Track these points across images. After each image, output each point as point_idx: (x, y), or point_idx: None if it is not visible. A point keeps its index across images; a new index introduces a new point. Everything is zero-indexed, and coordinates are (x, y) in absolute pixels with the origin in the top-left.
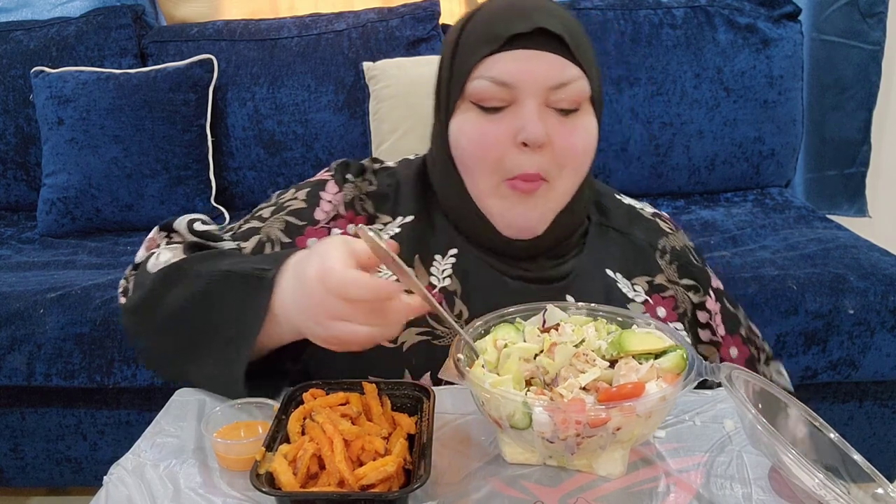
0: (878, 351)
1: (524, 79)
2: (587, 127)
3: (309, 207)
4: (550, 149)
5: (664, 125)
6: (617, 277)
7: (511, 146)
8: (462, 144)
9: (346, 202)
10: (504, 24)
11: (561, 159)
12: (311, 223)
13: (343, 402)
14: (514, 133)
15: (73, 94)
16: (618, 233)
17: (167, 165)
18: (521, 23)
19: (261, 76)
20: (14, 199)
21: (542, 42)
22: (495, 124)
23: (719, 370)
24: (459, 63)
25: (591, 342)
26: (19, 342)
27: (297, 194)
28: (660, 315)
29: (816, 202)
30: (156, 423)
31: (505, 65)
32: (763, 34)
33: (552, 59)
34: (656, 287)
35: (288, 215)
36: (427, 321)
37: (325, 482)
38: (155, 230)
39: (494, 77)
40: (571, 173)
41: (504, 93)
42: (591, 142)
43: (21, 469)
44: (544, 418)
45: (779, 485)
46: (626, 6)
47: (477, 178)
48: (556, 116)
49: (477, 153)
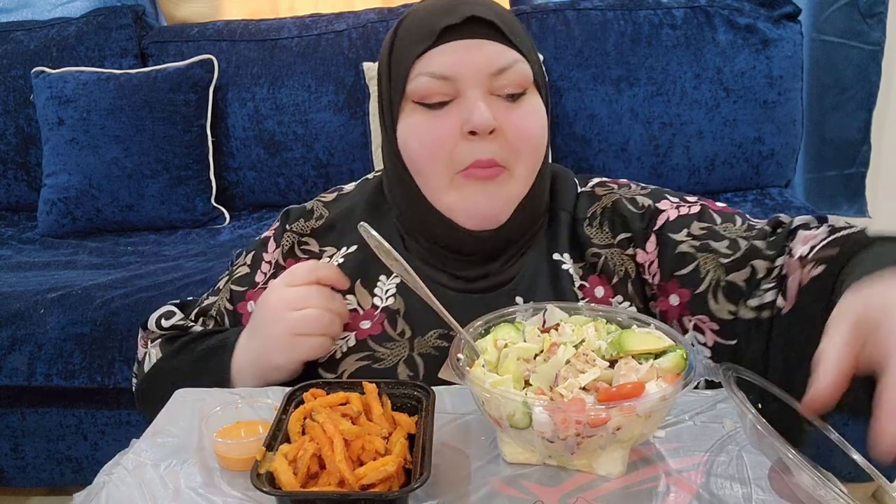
0: None
1: (463, 69)
2: (536, 109)
3: (252, 272)
4: (502, 136)
5: (664, 125)
6: (564, 258)
7: (460, 138)
8: (411, 146)
9: (284, 253)
10: (435, 19)
11: (515, 144)
12: (251, 286)
13: (343, 401)
14: (461, 125)
15: (73, 95)
16: (565, 212)
17: (167, 166)
18: (452, 15)
19: (261, 76)
20: (14, 200)
21: (476, 31)
22: (441, 119)
23: (719, 370)
24: (397, 65)
25: (591, 342)
26: (20, 342)
27: (246, 259)
28: (598, 295)
29: (816, 202)
30: (156, 422)
31: (442, 58)
32: (763, 34)
33: (488, 46)
34: (590, 266)
35: (233, 283)
36: (368, 345)
37: (326, 482)
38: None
39: (433, 72)
40: (529, 158)
41: (446, 87)
42: (542, 124)
43: (21, 469)
44: (544, 418)
45: (779, 485)
46: (626, 6)
47: (430, 177)
48: (502, 103)
49: (426, 152)
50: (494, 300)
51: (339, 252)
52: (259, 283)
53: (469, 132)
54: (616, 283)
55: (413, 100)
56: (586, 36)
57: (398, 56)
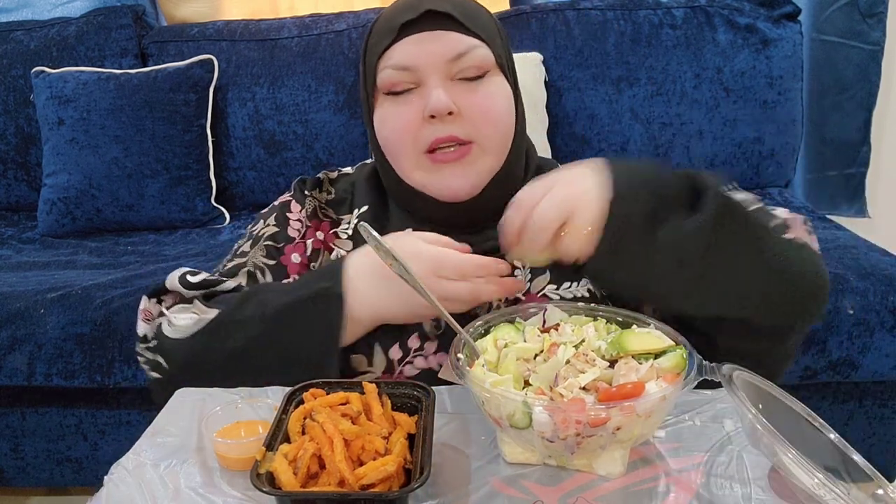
0: (878, 351)
1: (422, 59)
2: (497, 91)
3: (282, 230)
4: (462, 117)
5: (664, 125)
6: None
7: (423, 123)
8: (383, 134)
9: (309, 214)
10: (396, 15)
11: (477, 123)
12: (288, 241)
13: (343, 401)
14: (422, 110)
15: (73, 95)
16: None
17: (167, 165)
18: (410, 11)
19: (261, 76)
20: (14, 200)
21: (433, 23)
22: (406, 107)
23: (719, 370)
24: (368, 61)
25: (591, 342)
26: (20, 342)
27: (268, 221)
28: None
29: (816, 202)
30: (156, 422)
31: (402, 50)
32: (763, 34)
33: (445, 36)
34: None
35: (265, 241)
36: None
37: (326, 482)
38: (144, 300)
39: (395, 64)
40: (494, 132)
41: (408, 76)
42: (505, 103)
43: (21, 469)
44: (544, 418)
45: (778, 485)
46: (626, 6)
47: (400, 160)
48: (462, 86)
49: (394, 137)
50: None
51: (353, 215)
52: (296, 239)
53: (430, 116)
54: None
55: (383, 91)
56: (586, 36)
57: (369, 53)
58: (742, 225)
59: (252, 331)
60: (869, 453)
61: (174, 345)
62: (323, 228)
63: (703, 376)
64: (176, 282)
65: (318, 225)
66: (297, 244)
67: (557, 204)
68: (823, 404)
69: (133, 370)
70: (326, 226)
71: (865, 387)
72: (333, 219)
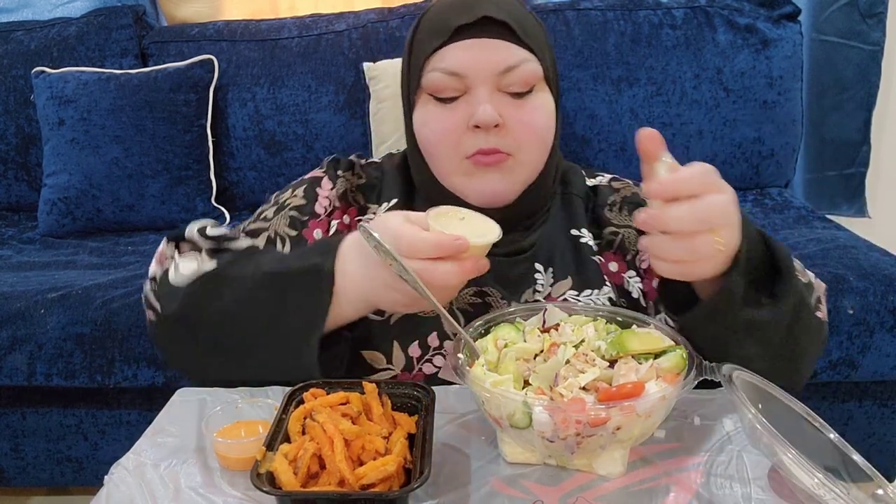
0: (878, 351)
1: (473, 67)
2: (542, 105)
3: (308, 203)
4: (506, 130)
5: (664, 125)
6: (583, 233)
7: (466, 130)
8: (424, 134)
9: (339, 195)
10: (450, 17)
11: (519, 137)
12: (313, 216)
13: (343, 401)
14: (468, 119)
15: (73, 95)
16: (579, 198)
17: (168, 166)
18: (466, 14)
19: (261, 76)
20: (15, 200)
21: (488, 30)
22: (450, 113)
23: (719, 370)
24: (414, 59)
25: (591, 342)
26: (20, 342)
27: (296, 192)
28: (612, 269)
29: (816, 202)
30: (156, 422)
31: (454, 55)
32: (763, 34)
33: (498, 46)
34: (606, 244)
35: (291, 211)
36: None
37: (326, 482)
38: (164, 243)
39: (445, 68)
40: (534, 148)
41: (456, 82)
42: (547, 119)
43: (22, 469)
44: (544, 418)
45: (778, 485)
46: (625, 6)
47: (440, 161)
48: (508, 99)
49: (435, 140)
50: (514, 265)
51: (380, 207)
52: (321, 216)
53: (474, 126)
54: (630, 260)
55: (427, 92)
56: (586, 36)
57: (416, 50)
58: (807, 315)
59: (239, 291)
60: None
61: (170, 291)
62: (350, 213)
63: (703, 376)
64: (195, 232)
65: (346, 208)
66: (321, 220)
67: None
68: (823, 404)
69: (133, 370)
70: (354, 211)
71: (865, 387)
72: (361, 205)
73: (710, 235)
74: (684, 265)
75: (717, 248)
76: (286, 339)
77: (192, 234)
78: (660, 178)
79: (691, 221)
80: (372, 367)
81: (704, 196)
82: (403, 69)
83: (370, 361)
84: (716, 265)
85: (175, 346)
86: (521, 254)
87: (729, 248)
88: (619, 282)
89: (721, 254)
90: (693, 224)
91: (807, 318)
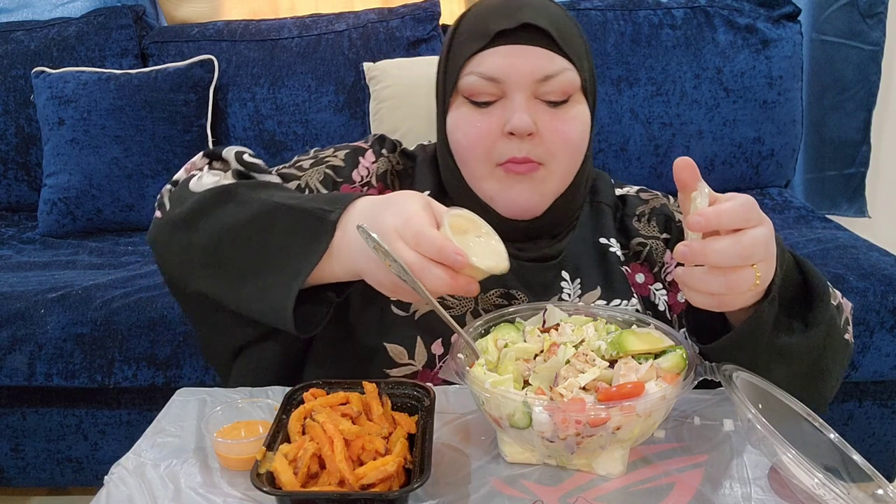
0: (878, 351)
1: (511, 73)
2: (578, 116)
3: (347, 167)
4: (539, 138)
5: (664, 125)
6: (611, 243)
7: (500, 136)
8: (456, 137)
9: (379, 174)
10: (491, 21)
11: (552, 147)
12: (348, 181)
13: (343, 401)
14: (502, 125)
15: (73, 95)
16: (608, 206)
17: (168, 166)
18: (507, 19)
19: (261, 76)
20: (15, 200)
21: (528, 37)
22: (486, 117)
23: (719, 370)
24: (452, 60)
25: (591, 342)
26: (20, 342)
27: (337, 154)
28: (638, 281)
29: (816, 202)
30: (156, 422)
31: (493, 60)
32: (763, 34)
33: (538, 53)
34: (633, 254)
35: (327, 168)
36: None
37: (326, 482)
38: (199, 155)
39: (483, 72)
40: (567, 159)
41: (493, 87)
42: (582, 130)
43: (22, 469)
44: (544, 418)
45: (778, 485)
46: (625, 6)
47: (472, 166)
48: (544, 107)
49: (468, 144)
50: (541, 272)
51: None
52: (356, 183)
53: (509, 132)
54: (657, 272)
55: (462, 94)
56: (586, 36)
57: (454, 52)
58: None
59: (245, 211)
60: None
61: (185, 195)
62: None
63: (703, 376)
64: (232, 153)
65: (383, 189)
66: (353, 188)
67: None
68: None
69: (133, 370)
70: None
71: (865, 387)
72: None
73: (749, 270)
74: (720, 298)
75: (755, 282)
76: (272, 273)
77: (229, 154)
78: (701, 210)
79: (733, 256)
80: (393, 361)
81: (747, 231)
82: (440, 70)
83: (392, 355)
84: (749, 297)
85: (170, 248)
86: (548, 260)
87: (763, 283)
88: (646, 293)
89: (755, 288)
90: (734, 259)
91: (836, 342)
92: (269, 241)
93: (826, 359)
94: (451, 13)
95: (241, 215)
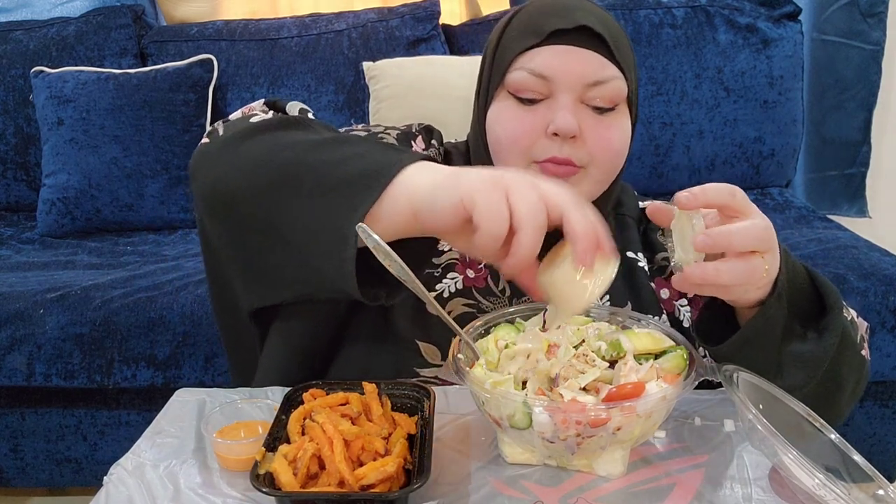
0: (878, 351)
1: (562, 73)
2: (620, 126)
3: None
4: (582, 142)
5: (664, 125)
6: (638, 257)
7: (542, 136)
8: (496, 131)
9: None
10: (547, 19)
11: (592, 151)
12: None
13: (343, 402)
14: (546, 124)
15: (72, 94)
16: (632, 219)
17: (167, 165)
18: (564, 19)
19: (261, 76)
20: (14, 200)
21: (583, 39)
22: (530, 114)
23: (719, 370)
24: (501, 54)
25: (590, 342)
26: (19, 342)
27: (389, 132)
28: (663, 297)
29: (817, 202)
30: (156, 423)
31: (544, 58)
32: (763, 34)
33: (591, 57)
34: (658, 269)
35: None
36: (473, 294)
37: (325, 482)
38: (259, 102)
39: (533, 69)
40: (606, 166)
41: (541, 85)
42: (624, 140)
43: (21, 469)
44: (544, 418)
45: (779, 485)
46: (626, 6)
47: (507, 161)
48: (590, 113)
49: (508, 140)
50: None
51: None
52: None
53: (553, 133)
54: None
55: (508, 89)
56: None
57: (505, 46)
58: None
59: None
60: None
61: (240, 122)
62: None
63: (704, 376)
64: (296, 108)
65: None
66: None
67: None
68: None
69: (132, 370)
70: None
71: (866, 387)
72: None
73: (759, 258)
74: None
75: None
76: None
77: (293, 108)
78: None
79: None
80: (425, 360)
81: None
82: (485, 64)
83: (425, 354)
84: (759, 290)
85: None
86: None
87: (771, 275)
88: (671, 309)
89: (764, 279)
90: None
91: (851, 355)
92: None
93: (841, 370)
94: (451, 13)
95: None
